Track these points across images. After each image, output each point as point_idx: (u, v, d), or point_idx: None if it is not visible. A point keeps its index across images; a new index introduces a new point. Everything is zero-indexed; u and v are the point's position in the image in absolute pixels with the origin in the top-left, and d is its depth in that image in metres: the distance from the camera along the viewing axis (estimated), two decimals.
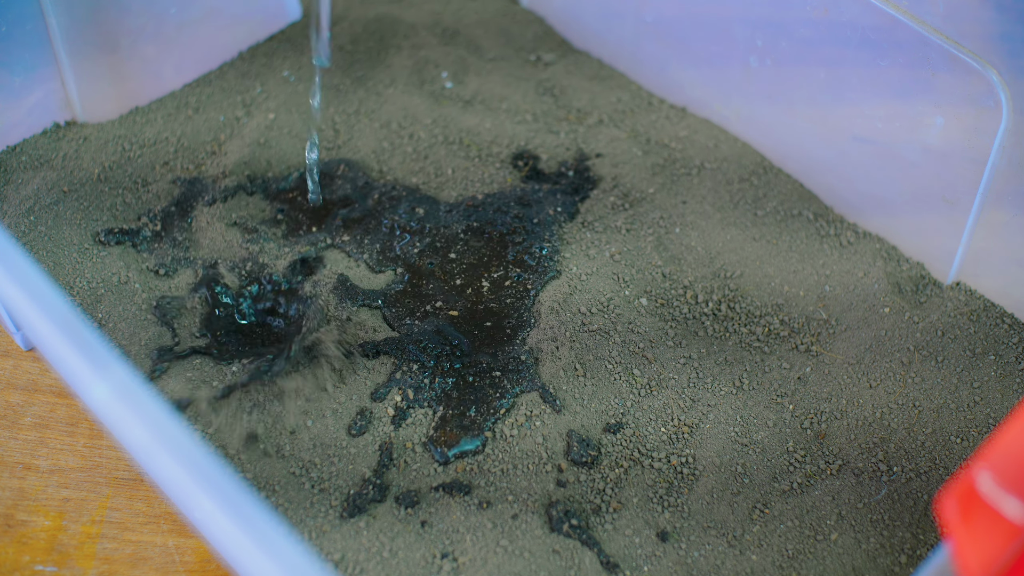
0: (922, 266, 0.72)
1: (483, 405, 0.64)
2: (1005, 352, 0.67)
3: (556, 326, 0.68)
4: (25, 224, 0.72)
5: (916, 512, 0.60)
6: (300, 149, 0.79)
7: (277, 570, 0.41)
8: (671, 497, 0.61)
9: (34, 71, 0.75)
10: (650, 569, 0.57)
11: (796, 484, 0.61)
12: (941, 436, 0.63)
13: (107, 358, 0.45)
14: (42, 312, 0.46)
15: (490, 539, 0.59)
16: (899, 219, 0.72)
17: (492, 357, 0.66)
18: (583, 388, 0.65)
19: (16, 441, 0.64)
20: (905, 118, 0.69)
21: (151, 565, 0.59)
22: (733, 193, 0.77)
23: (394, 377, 0.65)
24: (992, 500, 0.37)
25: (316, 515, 0.59)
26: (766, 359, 0.67)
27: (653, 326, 0.69)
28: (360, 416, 0.64)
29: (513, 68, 0.85)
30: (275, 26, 0.87)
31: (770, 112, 0.77)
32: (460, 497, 0.60)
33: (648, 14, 0.81)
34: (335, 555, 0.58)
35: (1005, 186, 0.66)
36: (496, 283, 0.71)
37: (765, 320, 0.69)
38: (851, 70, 0.71)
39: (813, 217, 0.75)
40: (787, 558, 0.58)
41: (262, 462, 0.62)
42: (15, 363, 0.68)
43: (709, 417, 0.64)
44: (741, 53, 0.77)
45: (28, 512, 0.61)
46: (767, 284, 0.72)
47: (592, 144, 0.80)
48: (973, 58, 0.64)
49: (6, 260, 0.48)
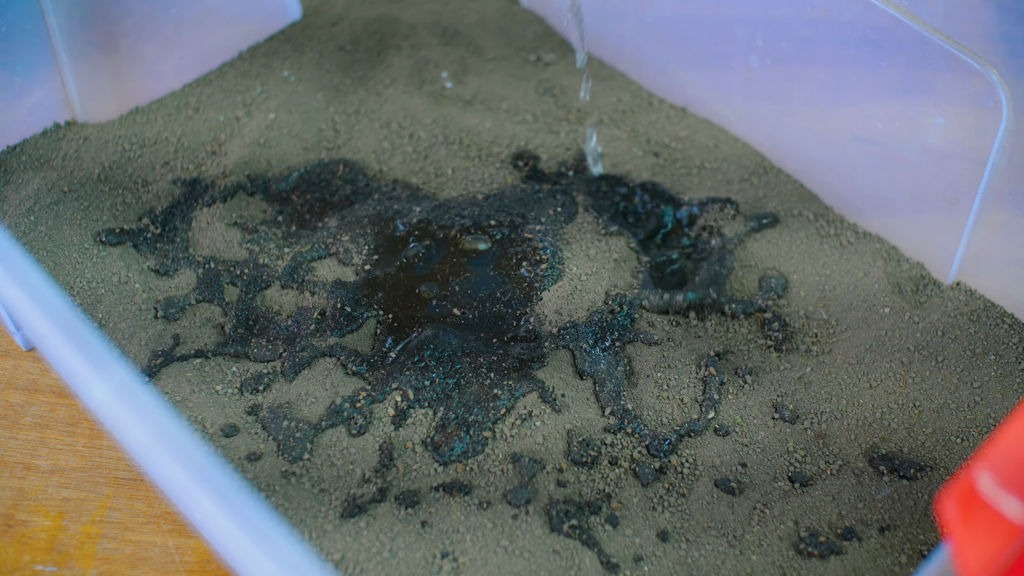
0: (922, 266, 0.72)
1: (483, 405, 0.64)
2: (1005, 352, 0.67)
3: (557, 326, 0.68)
4: (25, 224, 0.72)
5: (916, 512, 0.60)
6: (300, 149, 0.79)
7: (277, 570, 0.41)
8: (671, 497, 0.61)
9: (34, 71, 0.75)
10: (650, 569, 0.57)
11: (796, 484, 0.61)
12: (941, 436, 0.63)
13: (107, 358, 0.45)
14: (42, 312, 0.46)
15: (490, 539, 0.59)
16: (899, 219, 0.72)
17: (492, 357, 0.66)
18: (583, 388, 0.65)
19: (16, 441, 0.64)
20: (905, 118, 0.69)
21: (151, 565, 0.59)
22: (733, 193, 0.77)
23: (394, 377, 0.65)
24: (992, 500, 0.37)
25: (316, 515, 0.59)
26: (766, 359, 0.67)
27: (653, 326, 0.69)
28: (360, 416, 0.64)
29: (513, 68, 0.85)
30: (275, 26, 0.87)
31: (770, 112, 0.77)
32: (460, 497, 0.60)
33: (648, 14, 0.81)
34: (335, 555, 0.58)
35: (1005, 186, 0.66)
36: (496, 283, 0.71)
37: (765, 319, 0.69)
38: (851, 70, 0.71)
39: (813, 217, 0.75)
40: (787, 558, 0.58)
41: (262, 462, 0.62)
42: (15, 363, 0.68)
43: (709, 417, 0.64)
44: (741, 53, 0.77)
45: (28, 512, 0.61)
46: (767, 283, 0.72)
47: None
48: (973, 58, 0.64)
49: (6, 260, 0.48)
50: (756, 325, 0.69)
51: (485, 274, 0.71)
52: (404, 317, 0.69)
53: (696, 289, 0.71)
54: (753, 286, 0.72)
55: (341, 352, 0.66)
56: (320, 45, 0.86)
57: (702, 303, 0.70)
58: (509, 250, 0.72)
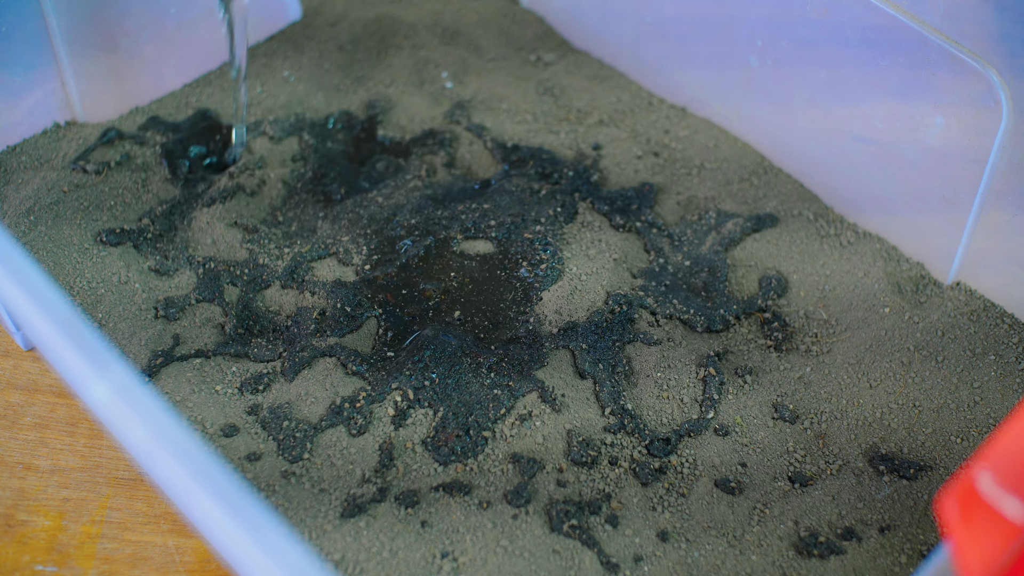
0: (922, 266, 0.72)
1: (483, 405, 0.64)
2: (1005, 352, 0.67)
3: (557, 326, 0.68)
4: (25, 224, 0.72)
5: (916, 512, 0.60)
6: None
7: (277, 570, 0.41)
8: (671, 497, 0.61)
9: (34, 71, 0.75)
10: (650, 569, 0.57)
11: (796, 484, 0.61)
12: (941, 436, 0.63)
13: (107, 358, 0.45)
14: (42, 312, 0.46)
15: (490, 539, 0.59)
16: (899, 219, 0.72)
17: (492, 357, 0.66)
18: (583, 388, 0.65)
19: (16, 441, 0.64)
20: (905, 118, 0.69)
21: (151, 565, 0.59)
22: (733, 193, 0.77)
23: (394, 377, 0.65)
24: (992, 500, 0.37)
25: (316, 515, 0.59)
26: (766, 359, 0.67)
27: (654, 326, 0.69)
28: (360, 416, 0.64)
29: (513, 68, 0.85)
30: (275, 26, 0.87)
31: (770, 112, 0.77)
32: (460, 497, 0.60)
33: (648, 14, 0.81)
34: (335, 555, 0.58)
35: (1005, 186, 0.66)
36: (497, 283, 0.71)
37: (765, 319, 0.69)
38: (851, 70, 0.71)
39: (813, 217, 0.75)
40: (787, 558, 0.58)
41: (262, 462, 0.62)
42: (15, 363, 0.68)
43: (709, 417, 0.64)
44: (741, 53, 0.77)
45: (28, 512, 0.61)
46: (767, 283, 0.72)
47: (592, 144, 0.80)
48: (973, 58, 0.64)
49: (6, 260, 0.48)
50: (756, 325, 0.70)
51: (485, 274, 0.71)
52: (404, 317, 0.68)
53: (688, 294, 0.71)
54: (753, 286, 0.72)
55: (341, 352, 0.66)
56: (320, 45, 0.86)
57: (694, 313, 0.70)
58: (509, 250, 0.72)
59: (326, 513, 0.59)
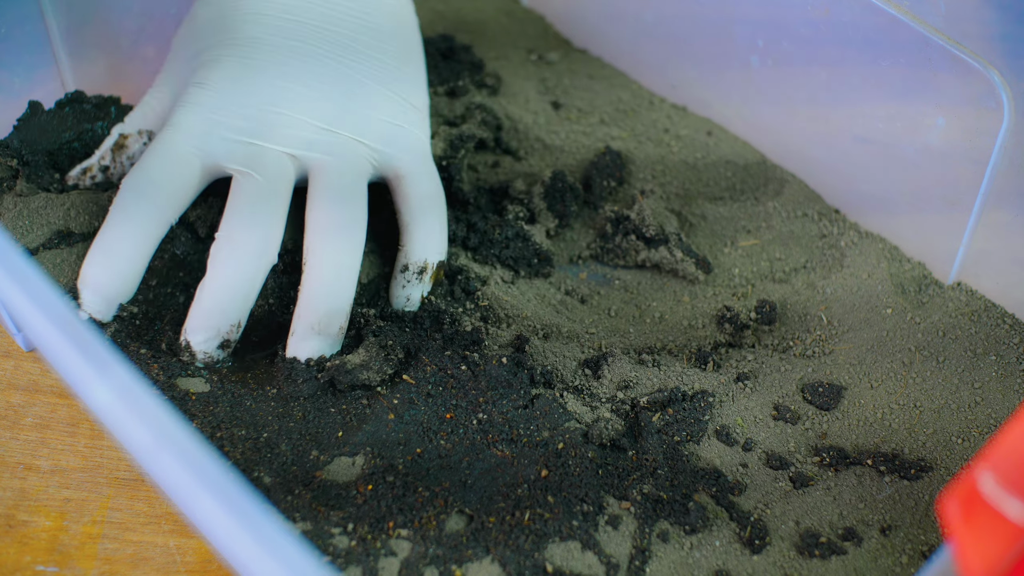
0: (923, 266, 0.72)
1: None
2: (1006, 352, 0.67)
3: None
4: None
5: (918, 513, 0.60)
6: None
7: (278, 570, 0.41)
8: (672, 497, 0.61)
9: (34, 71, 0.75)
10: (650, 569, 0.57)
11: (796, 484, 0.61)
12: (942, 436, 0.63)
13: (108, 359, 0.45)
14: (43, 313, 0.46)
15: None
16: (900, 219, 0.72)
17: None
18: (583, 388, 0.65)
19: (17, 441, 0.64)
20: (906, 118, 0.69)
21: (152, 565, 0.59)
22: (733, 193, 0.77)
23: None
24: (994, 501, 0.37)
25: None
26: (767, 359, 0.67)
27: (654, 326, 0.69)
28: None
29: (514, 67, 0.85)
30: None
31: (771, 112, 0.77)
32: None
33: (649, 13, 0.81)
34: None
35: (1006, 186, 0.66)
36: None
37: (766, 319, 0.69)
38: (852, 70, 0.71)
39: (816, 217, 0.75)
40: (788, 558, 0.58)
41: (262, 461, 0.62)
42: (16, 364, 0.68)
43: (709, 417, 0.64)
44: (742, 53, 0.77)
45: (29, 512, 0.61)
46: (767, 283, 0.72)
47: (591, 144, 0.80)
48: (974, 58, 0.64)
49: (6, 260, 0.48)
50: (756, 325, 0.70)
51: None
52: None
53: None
54: (753, 287, 0.72)
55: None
56: None
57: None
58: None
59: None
